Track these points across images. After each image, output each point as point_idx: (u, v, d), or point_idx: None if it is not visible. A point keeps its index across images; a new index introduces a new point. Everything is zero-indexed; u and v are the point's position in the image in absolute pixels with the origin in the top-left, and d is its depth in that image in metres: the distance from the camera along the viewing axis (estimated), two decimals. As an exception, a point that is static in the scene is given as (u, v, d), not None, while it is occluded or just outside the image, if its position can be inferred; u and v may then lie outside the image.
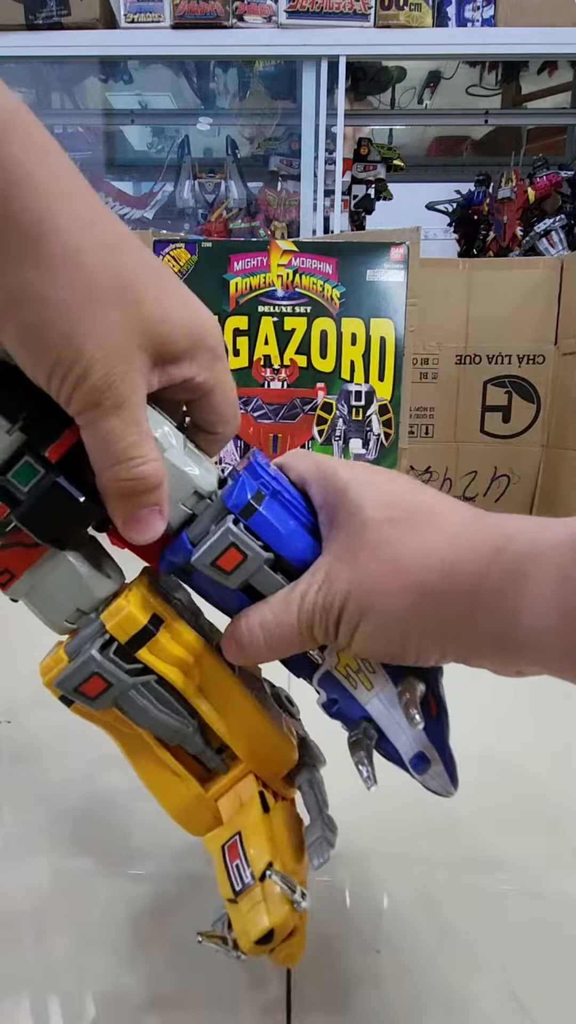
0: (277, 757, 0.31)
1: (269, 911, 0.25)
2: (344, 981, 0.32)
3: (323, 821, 0.29)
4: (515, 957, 0.33)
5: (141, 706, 0.28)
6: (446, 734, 0.28)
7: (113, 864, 0.39)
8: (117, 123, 2.28)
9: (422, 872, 0.39)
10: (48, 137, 0.23)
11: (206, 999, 0.31)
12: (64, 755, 0.52)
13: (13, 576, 0.28)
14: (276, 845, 0.27)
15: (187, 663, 0.29)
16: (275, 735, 0.30)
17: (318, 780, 0.32)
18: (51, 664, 0.29)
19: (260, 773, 0.31)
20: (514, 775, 0.50)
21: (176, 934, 0.34)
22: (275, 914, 0.25)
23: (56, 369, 0.22)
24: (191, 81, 2.15)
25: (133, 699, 0.28)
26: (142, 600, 0.28)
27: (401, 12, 1.70)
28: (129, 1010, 0.30)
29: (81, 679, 0.27)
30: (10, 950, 0.33)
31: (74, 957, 0.33)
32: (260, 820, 0.28)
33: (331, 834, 0.28)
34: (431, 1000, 0.31)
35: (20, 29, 1.74)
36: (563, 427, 1.56)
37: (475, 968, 0.33)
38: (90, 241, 0.22)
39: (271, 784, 0.31)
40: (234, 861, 0.27)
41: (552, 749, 0.54)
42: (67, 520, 0.26)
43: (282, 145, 2.14)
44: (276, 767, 0.31)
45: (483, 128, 2.20)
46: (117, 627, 0.27)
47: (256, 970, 0.32)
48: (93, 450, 0.24)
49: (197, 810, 0.31)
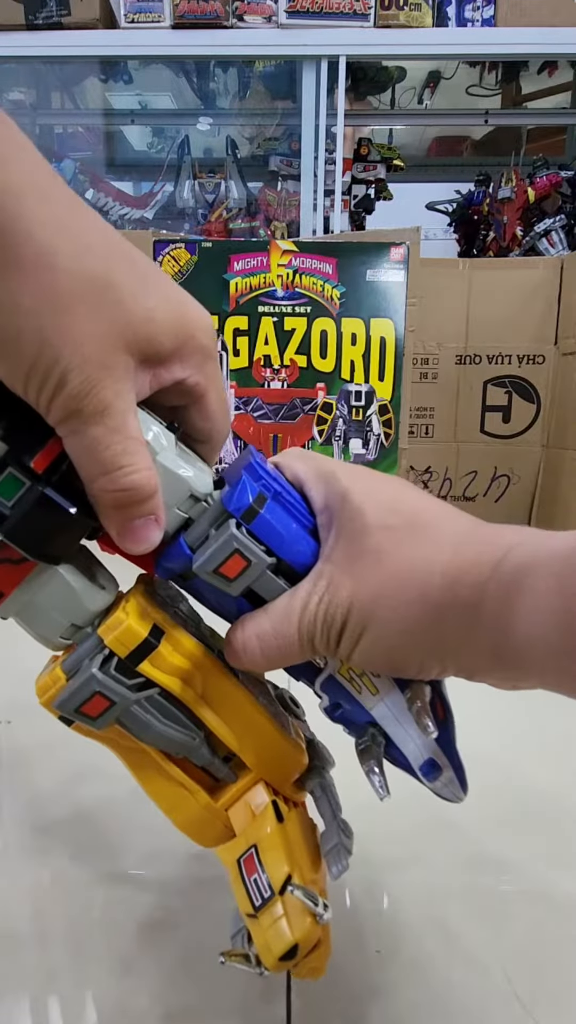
0: (286, 762, 0.30)
1: (292, 926, 0.24)
2: (344, 981, 0.32)
3: (338, 826, 0.28)
4: (515, 957, 0.33)
5: (144, 721, 0.27)
6: (454, 738, 0.28)
7: (113, 866, 0.39)
8: (117, 123, 2.28)
9: (422, 872, 0.39)
10: (17, 133, 0.22)
11: (205, 999, 0.31)
12: (64, 756, 0.52)
13: (2, 595, 0.26)
14: (293, 856, 0.27)
15: (190, 673, 0.28)
16: (283, 740, 0.29)
17: (329, 783, 0.31)
18: (48, 683, 0.28)
19: (270, 780, 0.30)
20: (514, 776, 0.50)
21: (176, 935, 0.34)
22: (298, 928, 0.24)
23: (32, 377, 0.22)
24: (191, 81, 2.15)
25: (136, 714, 0.27)
26: (140, 611, 0.27)
27: (401, 12, 1.70)
28: (128, 1012, 0.30)
29: (82, 699, 0.26)
30: (9, 953, 0.33)
31: (73, 960, 0.33)
32: (276, 831, 0.27)
33: (348, 840, 0.28)
34: (431, 1000, 0.31)
35: (20, 29, 1.74)
36: (563, 427, 1.56)
37: (475, 968, 0.33)
38: (63, 243, 0.21)
39: (281, 790, 0.30)
40: (251, 875, 0.26)
41: (552, 750, 0.54)
42: (58, 533, 0.25)
43: (282, 145, 2.13)
44: (286, 773, 0.30)
45: (483, 128, 2.20)
46: (116, 641, 0.26)
47: (256, 970, 0.32)
48: (78, 460, 0.23)
49: (208, 821, 0.30)
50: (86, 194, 2.08)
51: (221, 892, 0.37)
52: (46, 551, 0.25)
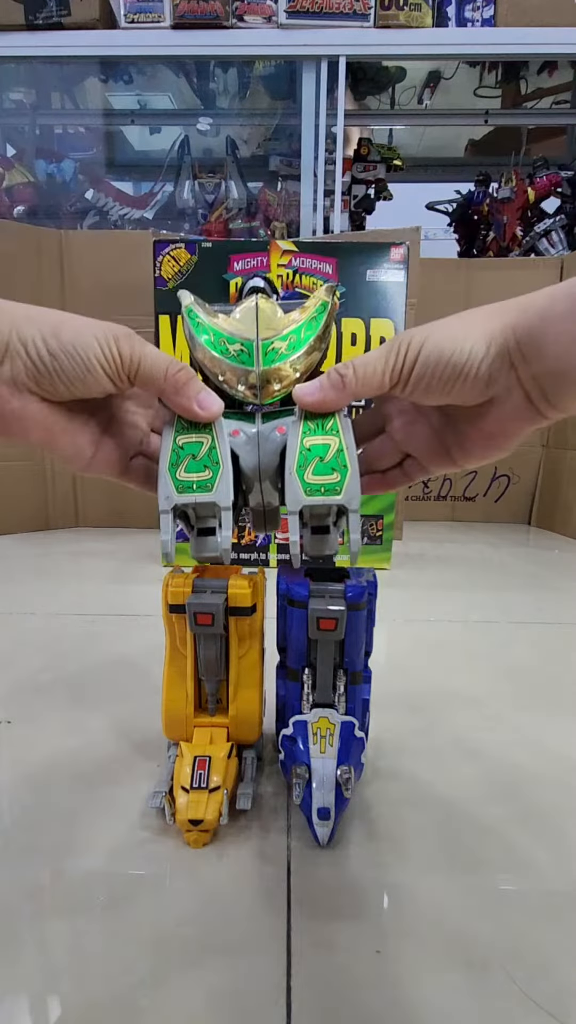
0: (249, 727, 0.46)
1: (207, 811, 0.40)
2: (344, 981, 0.32)
3: (253, 785, 0.46)
4: (515, 957, 0.33)
5: (207, 644, 0.44)
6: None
7: (114, 866, 0.39)
8: (117, 123, 2.28)
9: (422, 872, 0.39)
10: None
11: (205, 999, 0.31)
12: (64, 756, 0.52)
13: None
14: (227, 779, 0.43)
15: (246, 640, 0.45)
16: (258, 715, 0.46)
17: (255, 759, 0.48)
18: (180, 583, 0.44)
19: (232, 732, 0.46)
20: (514, 775, 0.50)
21: (176, 935, 0.34)
22: (210, 814, 0.40)
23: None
24: (191, 81, 2.15)
25: (209, 640, 0.44)
26: (256, 591, 0.44)
27: (401, 12, 1.70)
28: (129, 1012, 0.30)
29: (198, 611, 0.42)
30: (9, 950, 0.33)
31: (73, 960, 0.33)
32: (227, 760, 0.43)
33: (252, 793, 0.45)
34: (431, 1000, 0.31)
35: (20, 29, 1.75)
36: (563, 427, 1.56)
37: (475, 968, 0.33)
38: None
39: (236, 738, 0.46)
40: (199, 770, 0.42)
41: (553, 750, 0.54)
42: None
43: (282, 145, 2.13)
44: (244, 735, 0.46)
45: (483, 128, 2.20)
46: (233, 597, 0.43)
47: (256, 969, 0.32)
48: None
49: (181, 723, 0.46)
50: (86, 194, 2.08)
51: (222, 894, 0.37)
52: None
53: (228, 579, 0.44)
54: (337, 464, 0.37)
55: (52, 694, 0.63)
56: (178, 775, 0.42)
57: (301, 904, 0.37)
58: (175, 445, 0.37)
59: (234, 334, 0.40)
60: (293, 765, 0.41)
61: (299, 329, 0.41)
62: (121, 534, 1.45)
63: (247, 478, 0.40)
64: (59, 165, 2.08)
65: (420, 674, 0.69)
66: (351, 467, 0.37)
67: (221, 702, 0.46)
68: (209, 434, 0.37)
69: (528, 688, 0.67)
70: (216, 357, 0.40)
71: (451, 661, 0.74)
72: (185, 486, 0.36)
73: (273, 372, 0.40)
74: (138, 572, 1.12)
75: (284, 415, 0.40)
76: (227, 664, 0.45)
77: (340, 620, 0.41)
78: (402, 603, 0.96)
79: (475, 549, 1.36)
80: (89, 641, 0.78)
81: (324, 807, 0.40)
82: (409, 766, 0.50)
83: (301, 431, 0.38)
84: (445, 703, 0.62)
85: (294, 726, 0.43)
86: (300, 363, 0.40)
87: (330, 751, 0.41)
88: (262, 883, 0.38)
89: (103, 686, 0.65)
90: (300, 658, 0.44)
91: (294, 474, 0.37)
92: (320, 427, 0.38)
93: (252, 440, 0.40)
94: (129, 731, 0.55)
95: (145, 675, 0.67)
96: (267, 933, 0.35)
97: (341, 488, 0.36)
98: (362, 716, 0.45)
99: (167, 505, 0.36)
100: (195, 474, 0.37)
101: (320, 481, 0.36)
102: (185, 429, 0.38)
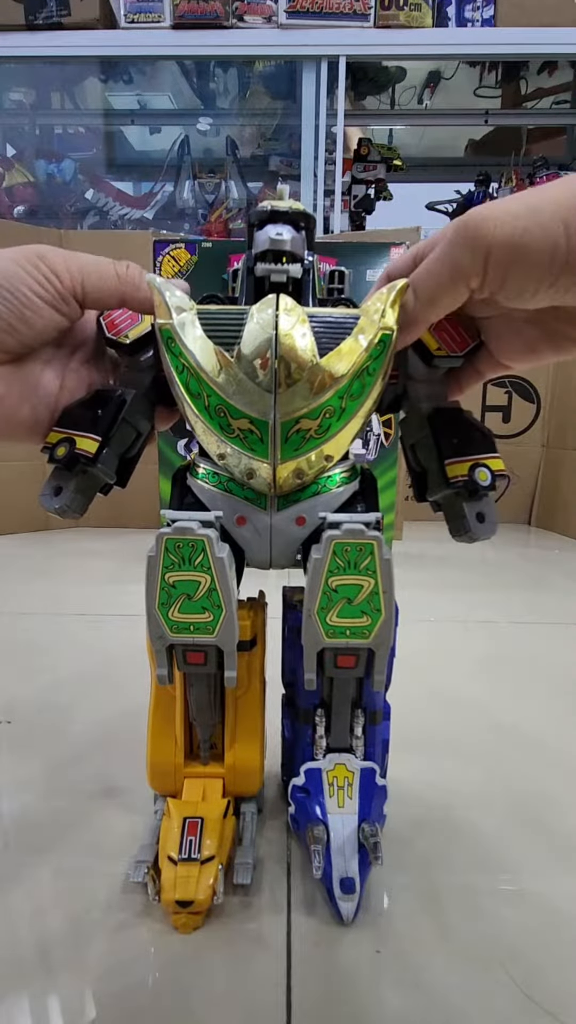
0: (248, 779, 0.39)
1: (198, 889, 0.33)
2: (344, 981, 0.32)
3: (253, 850, 0.38)
4: (515, 957, 0.33)
5: (199, 685, 0.37)
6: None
7: (114, 866, 0.39)
8: (117, 123, 2.28)
9: (422, 872, 0.39)
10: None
11: (206, 999, 0.31)
12: (63, 755, 0.52)
13: None
14: (223, 847, 0.36)
15: (244, 679, 0.38)
16: (259, 764, 0.39)
17: (255, 815, 0.41)
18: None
19: (229, 783, 0.39)
20: (514, 775, 0.50)
21: (176, 936, 0.34)
22: (202, 893, 0.33)
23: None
24: (191, 81, 2.15)
25: (200, 680, 0.37)
26: (256, 622, 0.38)
27: (401, 12, 1.70)
28: (129, 1012, 0.30)
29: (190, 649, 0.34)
30: (9, 950, 0.33)
31: (73, 960, 0.33)
32: (223, 821, 0.37)
33: (252, 862, 0.37)
34: (431, 1000, 0.31)
35: (20, 29, 1.75)
36: (563, 427, 1.56)
37: (475, 968, 0.33)
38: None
39: (232, 791, 0.39)
40: (189, 836, 0.35)
41: (553, 750, 0.54)
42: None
43: (282, 145, 2.13)
44: (242, 787, 0.40)
45: (483, 128, 2.20)
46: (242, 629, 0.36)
47: (257, 969, 0.32)
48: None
49: (169, 774, 0.39)
50: (86, 194, 2.08)
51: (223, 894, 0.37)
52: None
53: None
54: (369, 608, 0.31)
55: (52, 694, 0.63)
56: (164, 841, 0.36)
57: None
58: (164, 583, 0.31)
59: (238, 405, 0.30)
60: (309, 824, 0.36)
61: (342, 392, 0.30)
62: (121, 534, 1.45)
63: (253, 564, 0.35)
64: (59, 165, 2.09)
65: (420, 674, 0.69)
66: (385, 612, 0.31)
67: (216, 747, 0.40)
68: (208, 573, 0.30)
69: (528, 688, 0.67)
70: (209, 430, 0.31)
71: (451, 661, 0.74)
72: (181, 627, 0.31)
73: (298, 465, 0.31)
74: (138, 572, 1.11)
75: (307, 496, 0.32)
76: (222, 705, 0.39)
77: (361, 657, 0.34)
78: (402, 603, 0.95)
79: (475, 549, 1.36)
80: (89, 641, 0.78)
81: (348, 878, 0.34)
82: (409, 765, 0.50)
83: (327, 569, 0.30)
84: (445, 703, 0.62)
85: (306, 775, 0.38)
86: (339, 446, 0.31)
87: (349, 804, 0.36)
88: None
89: (103, 686, 0.65)
90: (312, 696, 0.38)
91: (314, 616, 0.31)
92: (352, 565, 0.30)
93: (263, 533, 0.33)
94: (130, 733, 0.55)
95: (145, 675, 0.67)
96: (267, 933, 0.34)
97: (371, 632, 0.31)
98: (382, 759, 0.40)
99: (160, 645, 0.32)
100: (192, 615, 0.31)
101: (345, 624, 0.31)
102: (175, 565, 0.31)
